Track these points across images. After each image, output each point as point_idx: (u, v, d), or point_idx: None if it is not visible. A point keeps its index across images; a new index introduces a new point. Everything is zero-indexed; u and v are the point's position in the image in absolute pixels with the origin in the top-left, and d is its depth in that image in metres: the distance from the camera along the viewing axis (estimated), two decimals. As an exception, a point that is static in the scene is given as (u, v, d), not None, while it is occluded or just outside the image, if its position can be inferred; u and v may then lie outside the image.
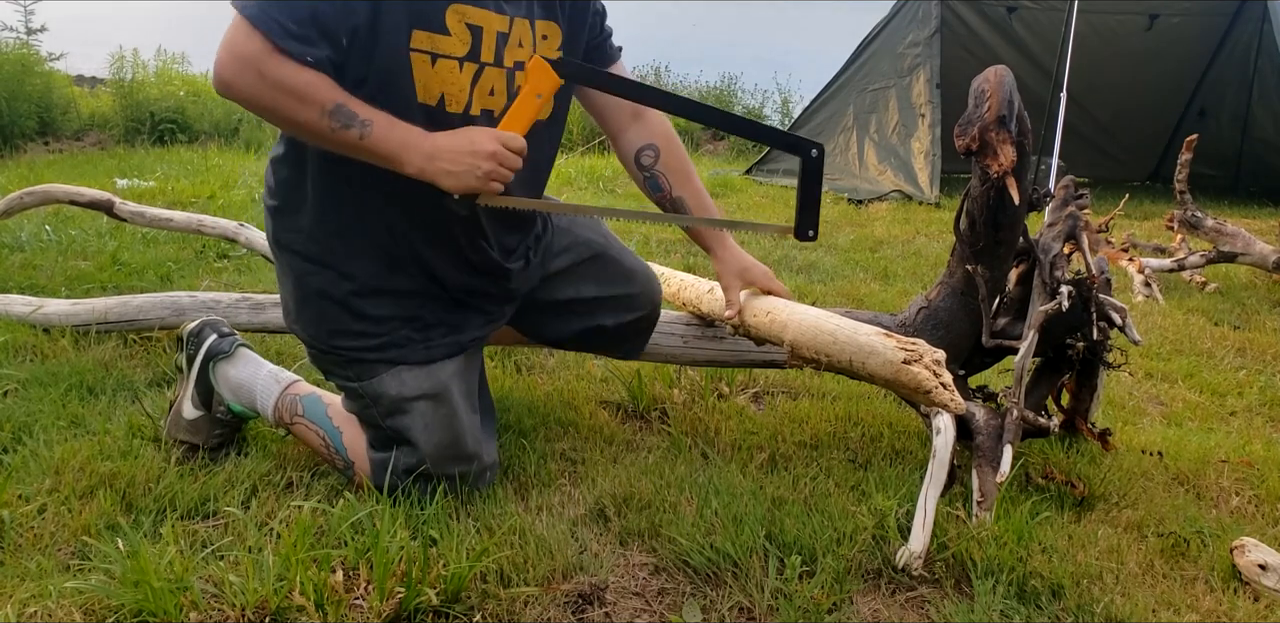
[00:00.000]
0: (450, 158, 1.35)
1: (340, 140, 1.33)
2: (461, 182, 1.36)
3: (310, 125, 1.32)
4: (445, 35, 1.38)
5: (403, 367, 1.50)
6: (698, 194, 1.69)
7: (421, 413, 1.49)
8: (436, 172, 1.35)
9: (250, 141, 8.11)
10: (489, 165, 1.36)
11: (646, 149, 1.67)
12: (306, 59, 1.29)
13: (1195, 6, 7.09)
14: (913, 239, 4.79)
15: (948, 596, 1.35)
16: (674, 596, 1.33)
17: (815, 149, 1.54)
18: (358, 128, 1.32)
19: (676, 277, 2.17)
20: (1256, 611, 1.35)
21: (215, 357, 1.71)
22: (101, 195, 2.75)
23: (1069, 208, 1.85)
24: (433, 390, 1.50)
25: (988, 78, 1.60)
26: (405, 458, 1.49)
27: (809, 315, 1.58)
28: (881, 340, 1.45)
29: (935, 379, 1.40)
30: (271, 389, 1.66)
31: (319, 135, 1.34)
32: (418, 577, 1.25)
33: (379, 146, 1.34)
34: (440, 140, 1.36)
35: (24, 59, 7.77)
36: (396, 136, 1.34)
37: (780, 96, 10.75)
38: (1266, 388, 2.46)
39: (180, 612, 1.19)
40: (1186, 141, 3.84)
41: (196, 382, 1.70)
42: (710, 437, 1.90)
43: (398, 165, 1.36)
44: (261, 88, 1.29)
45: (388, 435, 1.52)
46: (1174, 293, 3.66)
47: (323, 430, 1.60)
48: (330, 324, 1.52)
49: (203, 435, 1.68)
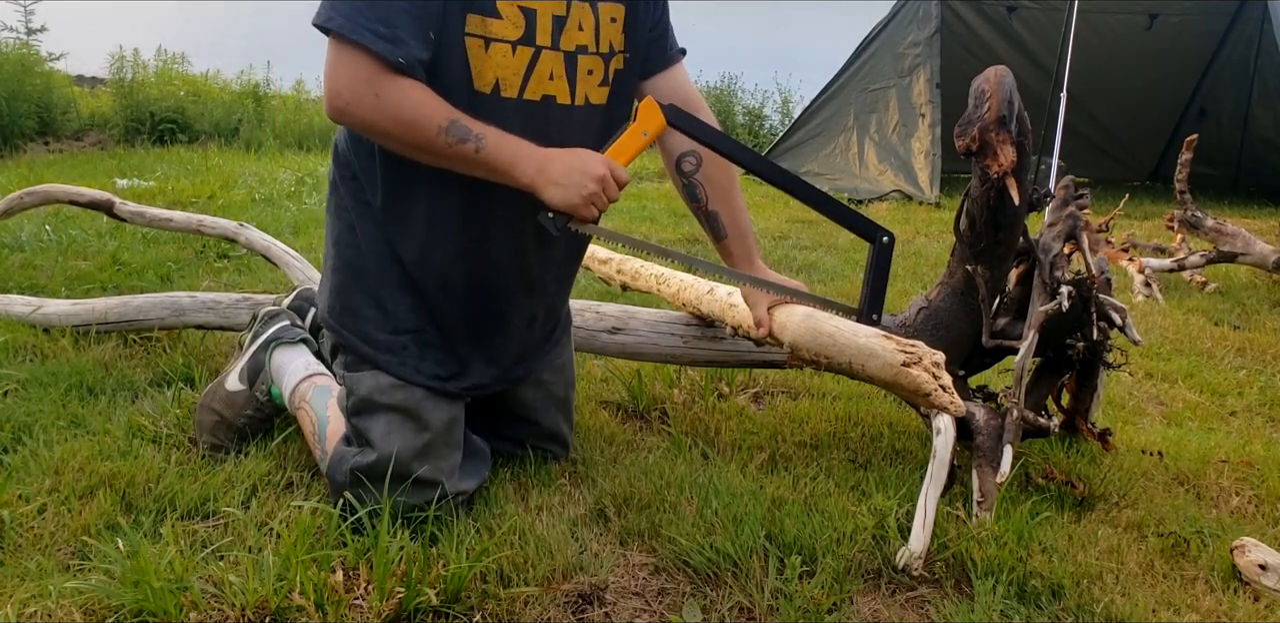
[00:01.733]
0: (561, 172, 1.35)
1: (456, 154, 1.32)
2: (566, 198, 1.35)
3: (428, 144, 1.31)
4: (497, 19, 1.37)
5: (384, 373, 1.49)
6: (734, 212, 1.62)
7: (388, 420, 1.48)
8: (545, 183, 1.35)
9: (250, 142, 8.12)
10: (595, 187, 1.35)
11: (689, 155, 1.60)
12: (399, 61, 1.28)
13: (1195, 6, 7.09)
14: (913, 239, 4.80)
15: (948, 596, 1.35)
16: (674, 596, 1.33)
17: (886, 236, 1.55)
18: (473, 142, 1.31)
19: (677, 277, 2.17)
20: (1256, 611, 1.35)
21: (280, 340, 1.78)
22: (101, 195, 2.75)
23: (1069, 208, 1.85)
24: (403, 406, 1.48)
25: (988, 78, 1.60)
26: (359, 458, 1.47)
27: (809, 315, 1.58)
28: (881, 343, 1.44)
29: (934, 381, 1.39)
30: (299, 373, 1.71)
31: (435, 152, 1.33)
32: (418, 577, 1.25)
33: (494, 159, 1.33)
34: (553, 154, 1.36)
35: (24, 59, 7.78)
36: (510, 148, 1.34)
37: (780, 96, 10.76)
38: (1266, 388, 2.46)
39: (180, 612, 1.19)
40: (1186, 141, 3.84)
41: (251, 357, 1.76)
42: (710, 437, 1.90)
43: (510, 176, 1.35)
44: (379, 112, 1.29)
45: (354, 431, 1.51)
46: (1174, 293, 3.66)
47: (316, 417, 1.61)
48: (347, 300, 1.51)
49: (234, 410, 1.72)
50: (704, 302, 1.98)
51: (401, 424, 1.48)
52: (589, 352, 2.11)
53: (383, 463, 1.44)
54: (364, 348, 1.50)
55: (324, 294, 1.56)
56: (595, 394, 2.13)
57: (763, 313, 1.63)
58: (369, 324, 1.50)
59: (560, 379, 1.74)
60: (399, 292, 1.50)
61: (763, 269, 1.65)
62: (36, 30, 8.57)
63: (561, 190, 1.35)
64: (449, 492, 1.47)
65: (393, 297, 1.50)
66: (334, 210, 1.53)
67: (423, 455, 1.47)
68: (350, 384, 1.51)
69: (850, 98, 7.20)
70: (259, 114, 8.85)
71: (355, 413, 1.50)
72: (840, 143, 7.19)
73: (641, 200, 5.77)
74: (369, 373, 1.49)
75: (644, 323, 2.07)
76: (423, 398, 1.49)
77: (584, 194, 1.35)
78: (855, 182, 6.82)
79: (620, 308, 2.11)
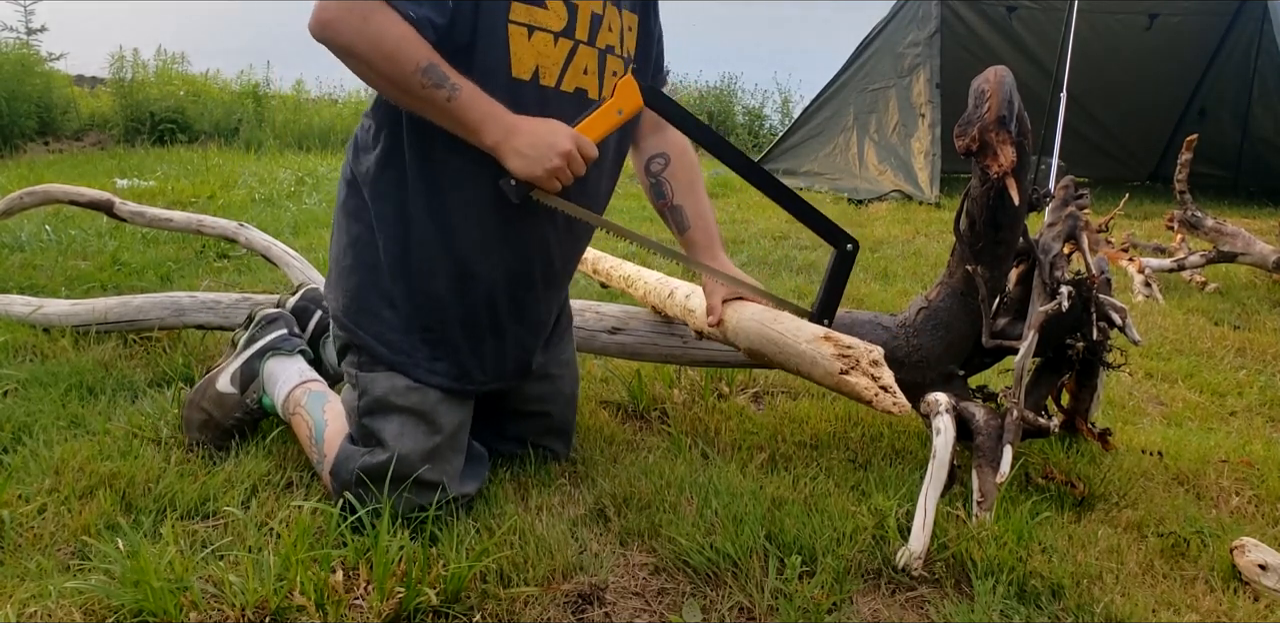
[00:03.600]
0: (527, 141, 1.35)
1: (427, 98, 1.31)
2: (528, 167, 1.36)
3: (401, 80, 1.30)
4: (543, 9, 1.40)
5: (399, 375, 1.49)
6: (698, 205, 1.68)
7: (401, 421, 1.48)
8: (509, 150, 1.36)
9: (250, 142, 8.12)
10: (559, 162, 1.36)
11: (658, 157, 1.69)
12: (409, 14, 1.29)
13: (1195, 6, 7.10)
14: (913, 239, 4.80)
15: (948, 596, 1.35)
16: (674, 596, 1.33)
17: (851, 243, 1.58)
18: (447, 89, 1.31)
19: (642, 281, 2.16)
20: (1256, 611, 1.35)
21: (277, 350, 1.79)
22: (101, 195, 2.75)
23: (1069, 208, 1.85)
24: (419, 408, 1.49)
25: (988, 78, 1.60)
26: (370, 458, 1.47)
27: (757, 320, 1.55)
28: (818, 349, 1.40)
29: (874, 385, 1.34)
30: (292, 381, 1.71)
31: (407, 91, 1.32)
32: (418, 577, 1.25)
33: (463, 113, 1.33)
34: (522, 122, 1.36)
35: (24, 59, 7.79)
36: (481, 106, 1.34)
37: (780, 96, 10.78)
38: (1266, 388, 2.46)
39: (180, 612, 1.19)
40: (1186, 141, 3.84)
41: (245, 363, 1.77)
42: (710, 437, 1.90)
43: (475, 134, 1.35)
44: (362, 34, 1.28)
45: (365, 431, 1.51)
46: (1174, 293, 3.66)
47: (312, 420, 1.61)
48: (363, 301, 1.51)
49: (224, 412, 1.73)
50: (667, 305, 1.98)
51: (415, 426, 1.48)
52: (589, 352, 2.11)
53: (392, 463, 1.44)
54: (379, 349, 1.50)
55: (338, 294, 1.55)
56: (595, 394, 2.13)
57: (716, 302, 1.66)
58: (384, 325, 1.50)
59: (568, 373, 1.76)
60: (419, 290, 1.49)
61: (724, 262, 1.69)
62: (36, 30, 8.58)
63: (524, 161, 1.36)
64: (451, 494, 1.48)
65: (410, 296, 1.49)
66: (352, 211, 1.52)
67: (430, 458, 1.47)
68: (364, 384, 1.51)
69: (850, 98, 7.20)
70: (259, 114, 8.86)
71: (368, 413, 1.50)
72: (840, 143, 7.19)
73: (641, 200, 5.77)
74: (384, 374, 1.50)
75: (644, 323, 2.07)
76: (438, 401, 1.50)
77: (547, 167, 1.36)
78: (855, 181, 6.82)
79: (620, 308, 2.12)
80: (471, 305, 1.52)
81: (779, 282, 3.52)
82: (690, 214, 1.67)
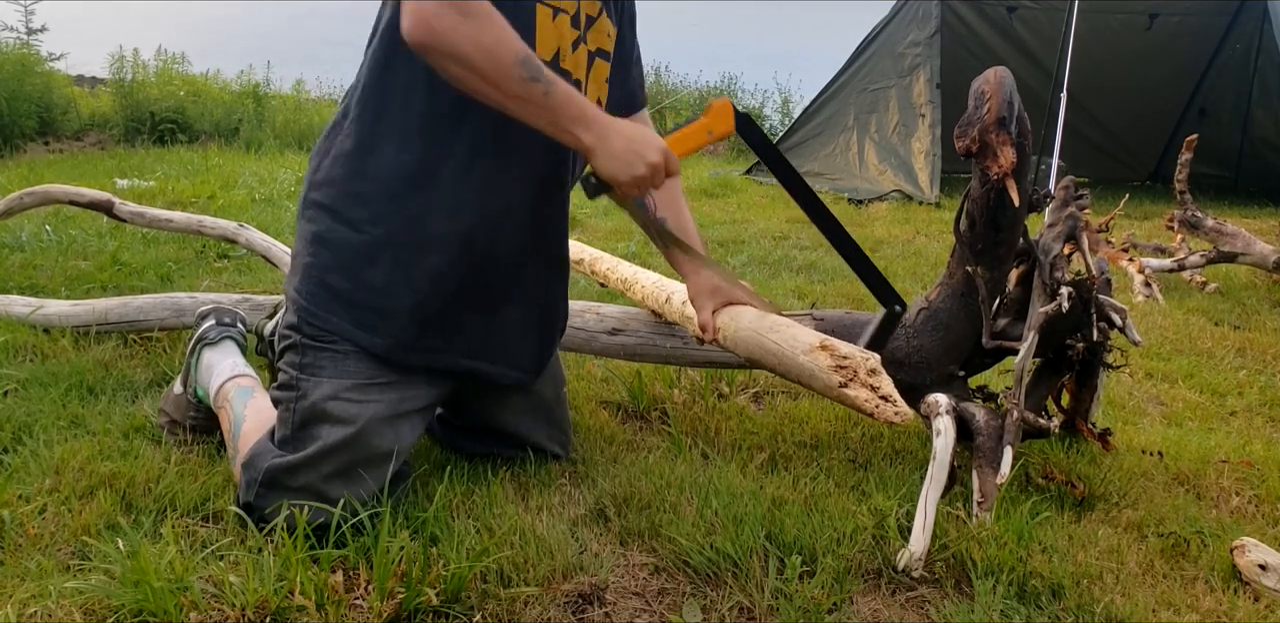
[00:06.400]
0: (620, 147, 1.33)
1: (524, 94, 1.26)
2: (614, 172, 1.34)
3: (503, 76, 1.24)
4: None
5: (340, 383, 1.44)
6: (679, 215, 1.66)
7: (329, 431, 1.42)
8: (602, 152, 1.32)
9: (250, 142, 8.12)
10: (645, 172, 1.35)
11: None
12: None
13: (1195, 6, 7.10)
14: (913, 239, 4.80)
15: (948, 596, 1.35)
16: (674, 596, 1.33)
17: (899, 305, 1.61)
18: (544, 83, 1.26)
19: (639, 284, 2.14)
20: (1256, 611, 1.35)
21: (205, 340, 1.82)
22: (101, 196, 2.75)
23: (1069, 208, 1.85)
24: (353, 420, 1.42)
25: (988, 79, 1.60)
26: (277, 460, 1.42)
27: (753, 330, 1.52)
28: (815, 361, 1.36)
29: (874, 397, 1.31)
30: (225, 375, 1.73)
31: (505, 87, 1.25)
32: (418, 577, 1.25)
33: (562, 108, 1.28)
34: (616, 124, 1.34)
35: (24, 59, 7.79)
36: (578, 102, 1.31)
37: (780, 96, 10.78)
38: (1266, 388, 2.46)
39: (180, 612, 1.19)
40: (1186, 141, 3.84)
41: (185, 362, 1.82)
42: (710, 437, 1.90)
43: (570, 131, 1.31)
44: (465, 35, 1.21)
45: (296, 434, 1.44)
46: (1174, 293, 3.66)
47: (233, 415, 1.61)
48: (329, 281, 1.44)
49: (181, 412, 1.77)
50: (665, 310, 1.97)
51: (341, 440, 1.41)
52: (589, 353, 2.11)
53: (299, 470, 1.39)
54: (336, 345, 1.44)
55: (297, 279, 1.48)
56: (595, 394, 2.13)
57: (707, 317, 1.60)
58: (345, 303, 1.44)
59: (546, 374, 1.71)
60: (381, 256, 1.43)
61: (706, 269, 1.66)
62: (36, 30, 8.58)
63: (613, 164, 1.33)
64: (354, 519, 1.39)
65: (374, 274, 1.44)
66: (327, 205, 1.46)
67: (344, 476, 1.41)
68: (304, 389, 1.44)
69: (850, 98, 7.21)
70: (259, 114, 8.86)
71: (302, 418, 1.44)
72: (840, 143, 7.19)
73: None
74: (328, 381, 1.44)
75: (644, 324, 2.07)
76: (375, 417, 1.44)
77: (633, 174, 1.34)
78: (855, 181, 6.82)
79: (620, 309, 2.12)
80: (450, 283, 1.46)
81: (779, 282, 3.52)
82: (672, 225, 1.65)
